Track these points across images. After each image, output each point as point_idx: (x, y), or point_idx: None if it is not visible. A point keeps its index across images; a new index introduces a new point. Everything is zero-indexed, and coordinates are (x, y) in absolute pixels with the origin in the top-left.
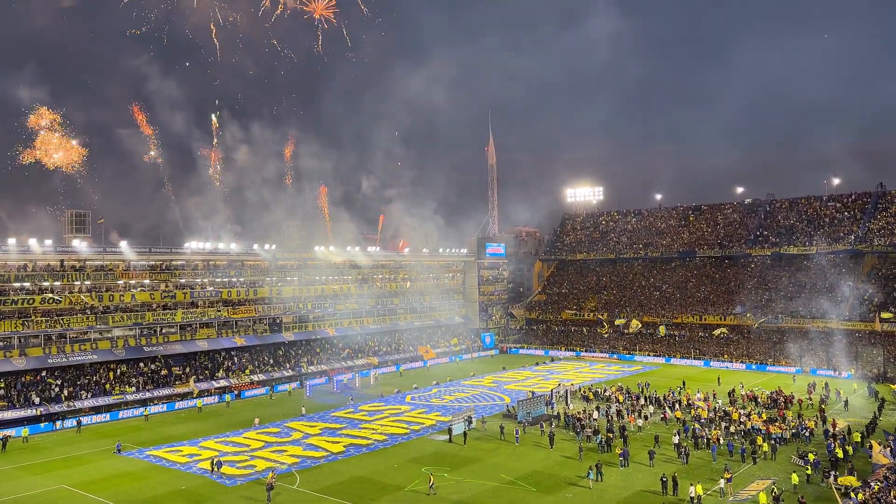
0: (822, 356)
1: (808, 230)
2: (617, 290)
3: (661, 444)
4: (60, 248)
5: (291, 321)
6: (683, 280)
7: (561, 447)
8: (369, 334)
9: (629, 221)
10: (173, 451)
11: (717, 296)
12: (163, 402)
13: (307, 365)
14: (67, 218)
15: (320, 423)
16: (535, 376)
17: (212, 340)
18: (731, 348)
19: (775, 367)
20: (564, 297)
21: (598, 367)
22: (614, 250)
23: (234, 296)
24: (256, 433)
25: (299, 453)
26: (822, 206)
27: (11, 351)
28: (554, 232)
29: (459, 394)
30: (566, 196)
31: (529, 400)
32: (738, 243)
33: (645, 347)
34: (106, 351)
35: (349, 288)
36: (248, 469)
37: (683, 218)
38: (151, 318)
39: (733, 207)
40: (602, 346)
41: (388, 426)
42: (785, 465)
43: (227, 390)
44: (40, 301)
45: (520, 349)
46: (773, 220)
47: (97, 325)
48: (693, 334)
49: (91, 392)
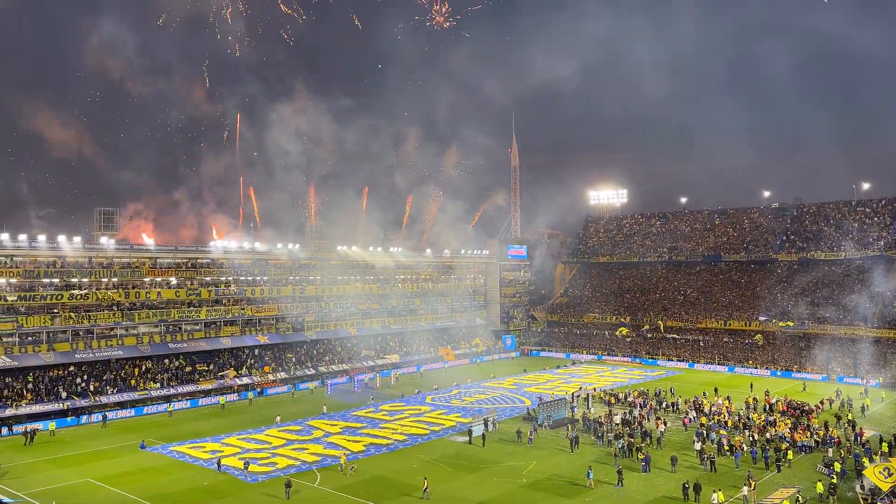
0: (849, 363)
1: (836, 235)
2: (640, 293)
3: (684, 450)
4: (88, 246)
5: (314, 320)
6: (708, 284)
7: (583, 451)
8: (391, 334)
9: (653, 224)
10: (196, 447)
11: (742, 301)
12: (186, 399)
13: (329, 364)
14: (96, 215)
15: (341, 421)
16: (556, 379)
17: (235, 338)
18: (757, 354)
19: (801, 373)
20: (587, 299)
21: (620, 371)
22: (638, 253)
23: (257, 294)
24: (278, 431)
25: (320, 451)
26: (851, 211)
27: (40, 345)
28: (577, 234)
29: (480, 395)
30: (589, 198)
31: (550, 403)
32: (765, 248)
33: (668, 352)
34: (132, 347)
35: (371, 288)
36: (270, 466)
37: (709, 222)
38: (176, 316)
39: (760, 212)
40: (624, 349)
41: (409, 426)
42: (810, 473)
43: (251, 388)
44: (68, 297)
45: (541, 352)
46: (801, 224)
47: (123, 321)
48: (717, 339)
49: (116, 387)
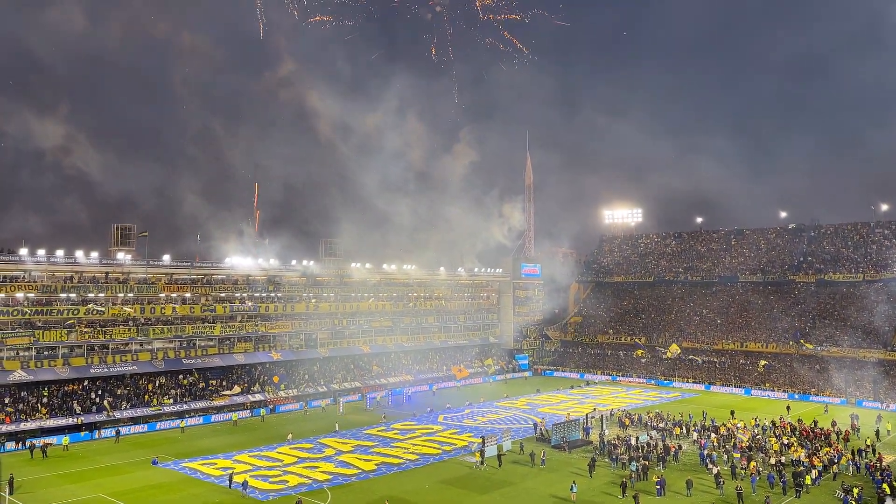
0: (868, 387)
1: (854, 257)
2: (655, 313)
3: (700, 474)
4: (106, 261)
5: (327, 337)
6: (725, 305)
7: (598, 473)
8: (403, 352)
9: (669, 244)
10: (208, 463)
11: (759, 322)
12: (199, 415)
13: (341, 381)
14: (113, 231)
15: (353, 440)
16: (570, 400)
17: (248, 354)
18: (774, 377)
19: (819, 396)
20: (601, 319)
21: (635, 392)
22: (653, 273)
23: (271, 311)
24: (290, 448)
25: (332, 470)
26: (870, 233)
27: (56, 360)
28: (591, 253)
29: (492, 415)
30: (604, 217)
31: (564, 424)
32: (782, 269)
33: (684, 374)
34: (146, 363)
35: (384, 305)
36: (281, 484)
37: (725, 242)
38: (191, 331)
39: (777, 232)
40: (640, 371)
41: (421, 446)
42: (828, 499)
43: (263, 404)
44: (84, 312)
45: (554, 371)
46: (819, 245)
47: (138, 336)
48: (734, 361)
49: (130, 403)
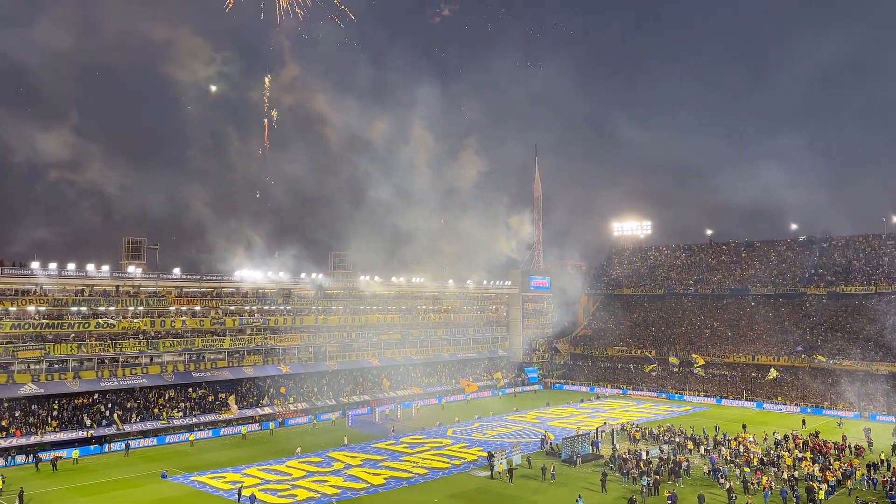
0: (881, 400)
1: (865, 269)
2: (665, 326)
3: (712, 489)
4: (116, 274)
5: (336, 350)
6: (735, 318)
7: (610, 488)
8: (412, 365)
9: (678, 256)
10: (217, 477)
11: (770, 335)
12: (208, 428)
13: (350, 394)
14: (124, 244)
15: (362, 454)
16: (580, 413)
17: (258, 367)
18: (786, 390)
19: (832, 410)
20: (611, 332)
21: (646, 406)
22: (663, 286)
23: (280, 323)
24: (299, 462)
25: (340, 484)
26: (882, 245)
27: (66, 373)
28: (600, 266)
29: (502, 429)
30: (613, 230)
31: (574, 438)
32: (793, 282)
33: (695, 387)
34: (156, 376)
35: (393, 318)
36: (289, 498)
37: (735, 254)
38: (200, 344)
39: (787, 244)
40: (650, 384)
41: (430, 460)
42: None
43: (272, 418)
44: (95, 325)
45: (564, 385)
46: (830, 258)
47: (148, 349)
48: (745, 374)
49: (140, 416)
